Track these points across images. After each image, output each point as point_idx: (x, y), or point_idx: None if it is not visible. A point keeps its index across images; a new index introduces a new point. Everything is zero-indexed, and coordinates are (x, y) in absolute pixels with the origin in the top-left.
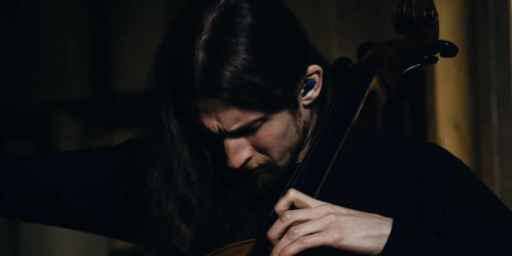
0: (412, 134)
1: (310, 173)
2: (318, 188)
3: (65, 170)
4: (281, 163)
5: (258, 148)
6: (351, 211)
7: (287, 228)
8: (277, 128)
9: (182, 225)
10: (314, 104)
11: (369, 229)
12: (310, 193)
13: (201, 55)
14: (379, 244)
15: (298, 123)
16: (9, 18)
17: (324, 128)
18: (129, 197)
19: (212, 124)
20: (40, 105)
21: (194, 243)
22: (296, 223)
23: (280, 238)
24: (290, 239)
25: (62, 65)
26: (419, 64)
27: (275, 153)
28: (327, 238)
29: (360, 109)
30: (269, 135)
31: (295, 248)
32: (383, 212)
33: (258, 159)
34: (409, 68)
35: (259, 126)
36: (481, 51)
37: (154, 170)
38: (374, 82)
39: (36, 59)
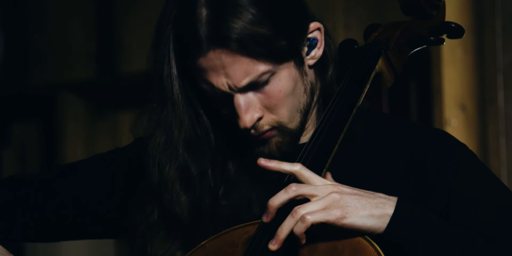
0: (418, 115)
1: (316, 154)
2: (324, 170)
3: (84, 181)
4: (292, 126)
5: (269, 107)
6: (356, 191)
7: (289, 200)
8: (286, 83)
9: (181, 192)
10: (317, 69)
11: (372, 208)
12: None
13: (204, 11)
14: (382, 223)
15: (305, 82)
16: (16, 0)
17: (331, 109)
18: (137, 194)
19: (221, 81)
20: (46, 86)
21: (194, 220)
22: (299, 197)
23: (279, 209)
24: (294, 218)
25: (69, 47)
26: (425, 46)
27: (285, 113)
28: (330, 216)
29: (366, 90)
30: (280, 91)
31: (301, 227)
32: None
33: (269, 120)
34: (415, 50)
35: (268, 81)
36: (487, 32)
37: (155, 138)
38: (380, 64)
39: (42, 41)
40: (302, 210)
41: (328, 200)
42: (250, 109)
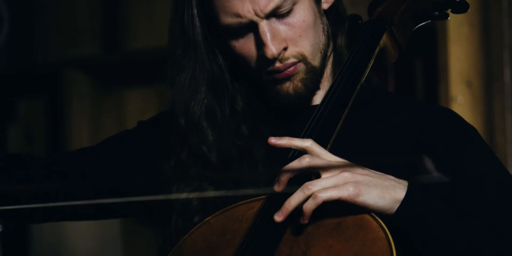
0: (425, 92)
1: (320, 129)
2: (328, 145)
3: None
4: (315, 63)
5: (293, 39)
6: (367, 171)
7: (302, 170)
8: (309, 14)
9: (208, 130)
10: (331, 21)
11: (384, 190)
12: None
13: None
14: (393, 204)
15: (323, 23)
16: None
17: (336, 82)
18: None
19: (247, 8)
20: (52, 64)
21: (222, 161)
22: (312, 168)
23: (289, 180)
24: (304, 193)
25: (74, 23)
26: (429, 21)
27: (308, 46)
28: (343, 192)
29: (370, 65)
30: (303, 21)
31: (312, 204)
32: (394, 173)
33: (294, 53)
34: (419, 25)
35: (291, 11)
36: (493, 8)
37: (179, 79)
38: (384, 39)
39: (48, 18)
40: (313, 186)
41: (340, 177)
42: (276, 37)
